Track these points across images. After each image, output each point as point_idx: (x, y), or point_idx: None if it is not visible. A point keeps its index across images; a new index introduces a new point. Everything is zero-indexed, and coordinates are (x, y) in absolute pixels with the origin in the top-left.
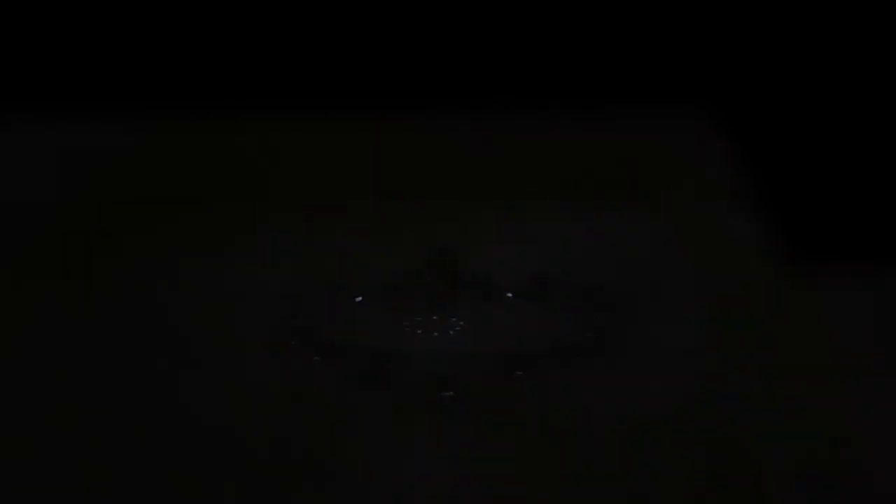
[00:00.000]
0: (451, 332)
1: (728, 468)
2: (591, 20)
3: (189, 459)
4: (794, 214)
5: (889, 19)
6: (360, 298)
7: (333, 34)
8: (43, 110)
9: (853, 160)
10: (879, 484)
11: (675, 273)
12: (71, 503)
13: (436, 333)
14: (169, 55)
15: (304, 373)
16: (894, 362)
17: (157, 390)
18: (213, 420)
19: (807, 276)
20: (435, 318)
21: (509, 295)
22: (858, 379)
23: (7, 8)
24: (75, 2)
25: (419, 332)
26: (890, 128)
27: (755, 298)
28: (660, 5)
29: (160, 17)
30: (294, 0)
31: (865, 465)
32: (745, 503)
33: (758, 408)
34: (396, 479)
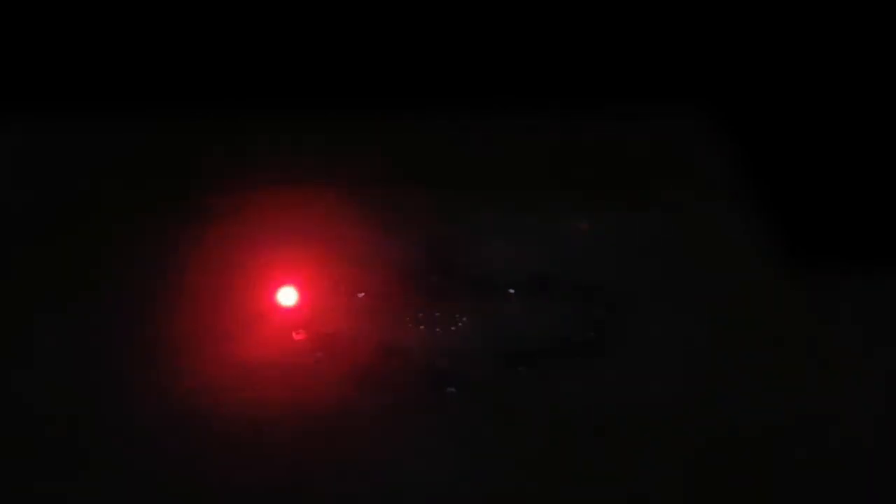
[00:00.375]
0: (452, 329)
1: (728, 467)
2: (593, 22)
3: (189, 454)
4: (794, 214)
5: (888, 19)
6: (362, 294)
7: (335, 36)
8: (43, 110)
9: (852, 160)
10: (879, 482)
11: (674, 272)
12: (71, 502)
13: (437, 329)
14: (169, 55)
15: (306, 368)
16: (893, 361)
17: (157, 388)
18: (214, 415)
19: (806, 276)
20: (436, 314)
21: (511, 291)
22: (858, 378)
23: (7, 8)
24: (75, 2)
25: (421, 327)
26: (888, 128)
27: (755, 298)
28: (660, 7)
29: (160, 18)
30: (297, 1)
31: (865, 463)
32: (745, 502)
33: (757, 407)
34: (397, 474)
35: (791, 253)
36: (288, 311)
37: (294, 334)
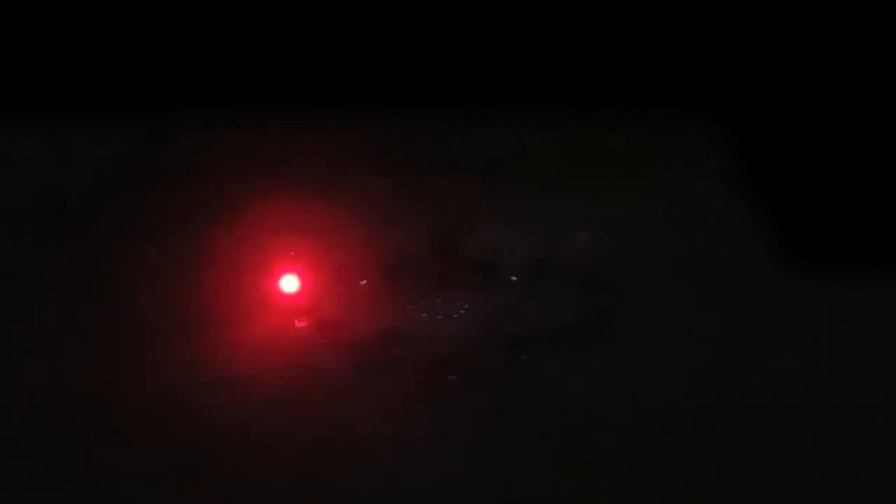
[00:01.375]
0: (454, 316)
1: (729, 455)
2: (593, 22)
3: (190, 446)
4: (795, 207)
5: (886, 19)
6: (364, 282)
7: (336, 37)
8: (43, 110)
9: (853, 158)
10: (876, 474)
11: (675, 260)
12: (70, 500)
13: (439, 317)
14: (168, 55)
15: (308, 355)
16: (891, 353)
17: (159, 385)
18: (218, 401)
19: (806, 267)
20: (438, 301)
21: (514, 278)
22: (856, 367)
23: (7, 8)
24: (75, 3)
25: (423, 315)
26: (888, 125)
27: (755, 287)
28: (661, 9)
29: (160, 19)
30: (300, 3)
31: (863, 456)
32: (746, 488)
33: (758, 395)
34: (397, 460)
35: (791, 244)
36: (291, 298)
37: (297, 321)
